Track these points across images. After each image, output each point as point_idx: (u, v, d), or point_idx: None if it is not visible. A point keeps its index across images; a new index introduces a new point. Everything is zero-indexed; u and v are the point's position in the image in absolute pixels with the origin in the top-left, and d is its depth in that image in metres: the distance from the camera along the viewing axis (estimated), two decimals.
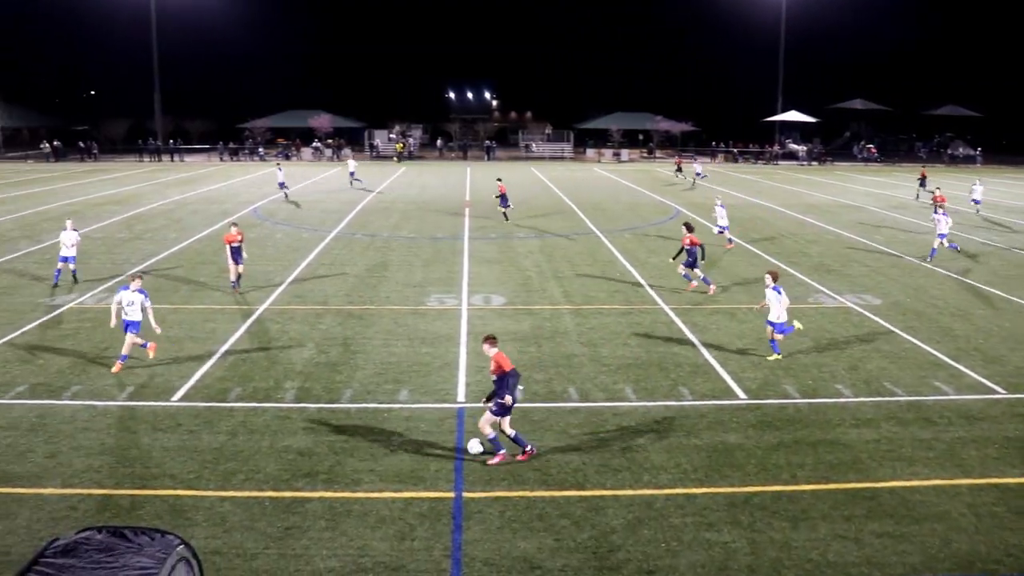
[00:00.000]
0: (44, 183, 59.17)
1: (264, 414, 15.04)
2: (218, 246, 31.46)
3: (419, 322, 21.10)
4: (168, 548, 7.75)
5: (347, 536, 10.96)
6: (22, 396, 15.89)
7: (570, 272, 27.06)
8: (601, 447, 13.68)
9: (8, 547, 10.69)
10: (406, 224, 37.99)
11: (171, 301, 23.12)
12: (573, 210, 43.41)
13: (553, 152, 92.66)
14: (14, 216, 40.66)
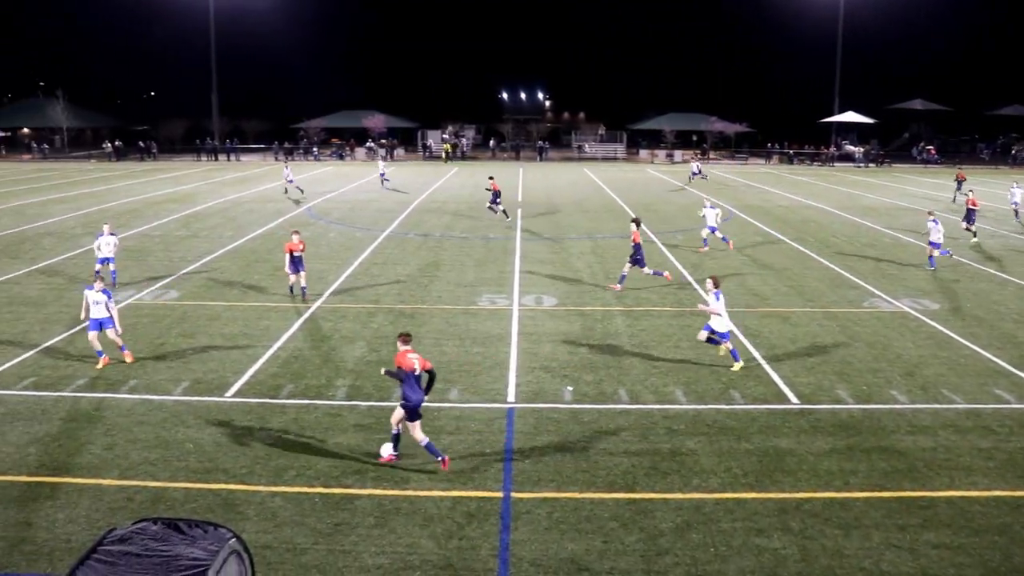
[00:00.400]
0: (105, 182, 60.53)
1: (315, 411, 15.21)
2: (272, 244, 31.96)
3: (470, 322, 21.18)
4: (220, 541, 7.89)
5: (395, 534, 11.05)
6: (82, 389, 16.28)
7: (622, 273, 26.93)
8: (651, 449, 13.61)
9: (69, 535, 10.99)
10: (458, 224, 38.15)
11: (226, 299, 23.50)
12: (625, 211, 43.22)
13: (606, 153, 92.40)
14: (77, 214, 41.69)
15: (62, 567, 10.00)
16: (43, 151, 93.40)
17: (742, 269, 27.75)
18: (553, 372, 17.30)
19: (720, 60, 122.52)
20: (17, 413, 15.11)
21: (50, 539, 10.91)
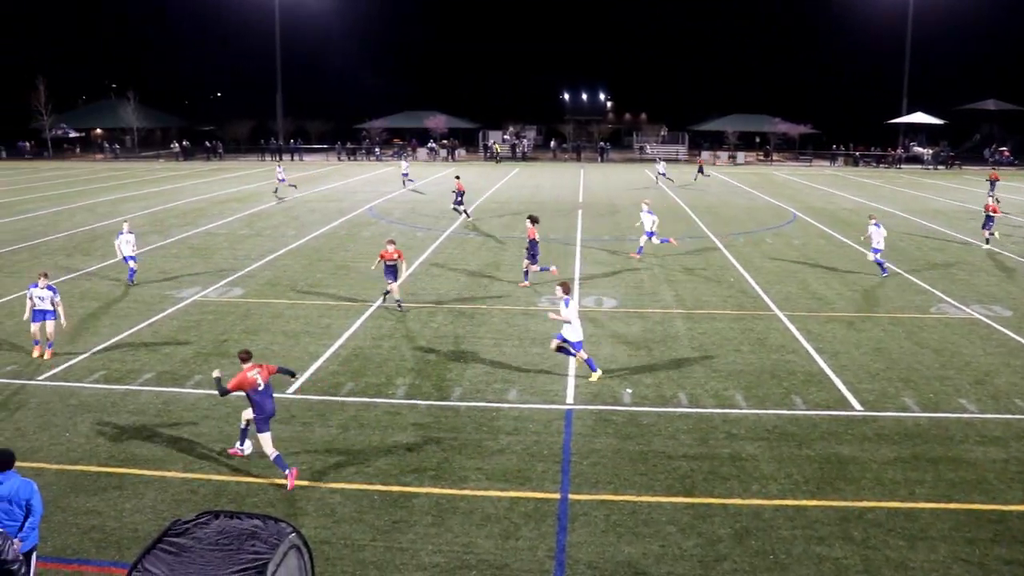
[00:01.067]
0: (173, 181, 61.88)
1: (375, 409, 15.37)
2: (334, 243, 32.37)
3: (530, 322, 21.20)
4: (281, 535, 8.01)
5: (452, 532, 11.11)
6: (149, 383, 16.68)
7: (683, 276, 26.74)
8: (710, 454, 13.49)
9: (136, 524, 11.27)
10: (519, 224, 38.17)
11: (288, 297, 23.86)
12: (687, 213, 42.88)
13: (667, 154, 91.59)
14: (146, 212, 42.71)
15: (129, 555, 10.25)
16: (114, 151, 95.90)
17: (804, 272, 27.33)
18: (612, 374, 17.24)
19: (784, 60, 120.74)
20: (88, 405, 15.54)
21: (118, 528, 11.20)
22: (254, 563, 7.50)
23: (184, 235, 35.01)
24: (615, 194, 52.78)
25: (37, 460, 13.18)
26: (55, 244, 32.73)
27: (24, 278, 26.11)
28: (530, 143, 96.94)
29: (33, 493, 9.22)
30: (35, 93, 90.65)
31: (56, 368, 17.59)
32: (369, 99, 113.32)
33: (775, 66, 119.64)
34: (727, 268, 28.08)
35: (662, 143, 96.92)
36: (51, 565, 10.25)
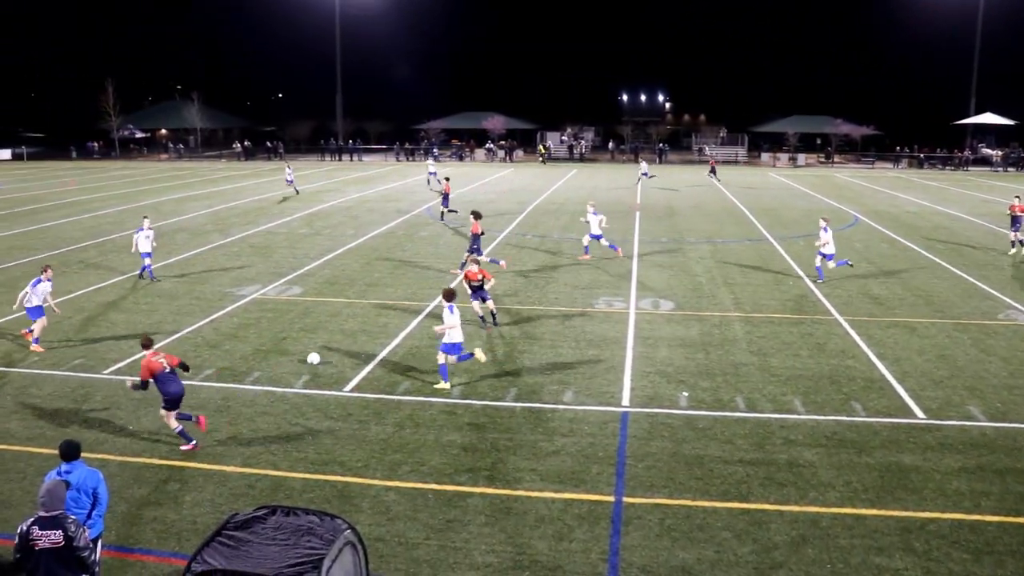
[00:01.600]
0: (235, 180, 62.95)
1: (431, 408, 15.45)
2: (392, 243, 32.60)
3: (586, 324, 21.14)
4: (336, 532, 8.09)
5: (506, 533, 11.12)
6: (210, 379, 16.98)
7: (741, 279, 26.44)
8: (766, 460, 13.31)
9: (195, 517, 11.49)
10: (576, 226, 38.08)
11: (346, 295, 24.10)
12: (746, 215, 42.39)
13: (726, 156, 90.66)
14: (208, 211, 43.51)
15: (189, 547, 10.45)
16: (178, 151, 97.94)
17: (866, 276, 26.83)
18: (669, 377, 17.12)
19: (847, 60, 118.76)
20: (150, 400, 15.82)
21: (178, 520, 11.43)
22: (310, 558, 7.59)
23: (244, 234, 35.58)
24: (673, 196, 52.37)
25: (102, 452, 13.51)
26: (121, 242, 33.47)
27: (92, 275, 26.83)
28: (588, 144, 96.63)
29: (99, 482, 9.48)
30: (104, 94, 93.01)
31: (120, 363, 18.01)
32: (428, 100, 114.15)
33: (837, 66, 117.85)
34: (786, 271, 27.69)
35: (721, 144, 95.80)
36: (115, 554, 10.49)
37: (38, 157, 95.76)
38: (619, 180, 64.46)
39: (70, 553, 8.22)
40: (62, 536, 8.18)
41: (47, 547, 8.16)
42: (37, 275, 19.93)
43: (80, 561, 8.31)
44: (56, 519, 8.25)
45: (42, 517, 8.25)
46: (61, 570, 8.25)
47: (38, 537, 8.16)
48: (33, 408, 15.53)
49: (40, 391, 16.39)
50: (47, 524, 8.22)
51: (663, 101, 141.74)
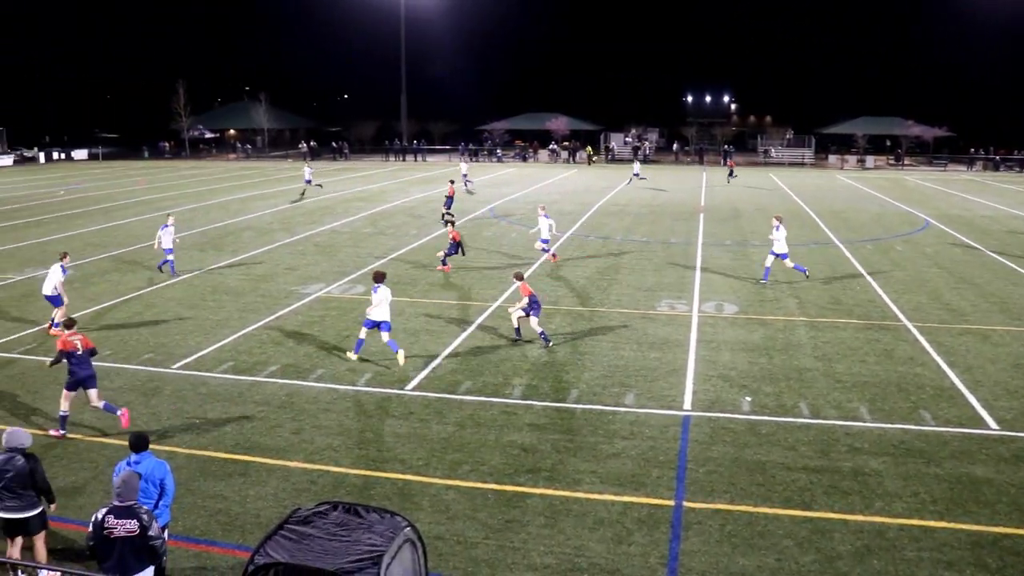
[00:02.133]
0: (300, 180, 63.76)
1: (492, 408, 15.49)
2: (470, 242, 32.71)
3: (648, 326, 21.00)
4: (396, 529, 8.15)
5: (564, 535, 11.09)
6: (274, 375, 17.25)
7: (807, 283, 26.01)
8: (831, 467, 13.06)
9: (258, 511, 11.68)
10: (639, 227, 37.92)
11: (409, 295, 24.28)
12: (812, 218, 41.70)
13: (793, 158, 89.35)
14: (273, 210, 44.22)
15: (252, 539, 10.63)
16: (246, 151, 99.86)
17: (936, 282, 26.19)
18: (731, 381, 16.92)
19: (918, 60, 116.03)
20: (217, 394, 16.19)
21: (242, 513, 11.63)
22: (370, 554, 7.65)
23: (309, 233, 36.08)
24: (737, 198, 51.75)
25: (170, 444, 13.82)
26: (189, 240, 34.18)
27: (163, 272, 27.41)
28: (652, 146, 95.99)
29: (167, 474, 9.69)
30: (175, 96, 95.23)
31: (188, 358, 18.39)
32: (492, 101, 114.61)
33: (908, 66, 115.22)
34: (853, 276, 27.17)
35: (787, 146, 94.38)
36: (181, 544, 10.72)
37: (112, 157, 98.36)
38: (683, 182, 63.88)
39: (144, 541, 8.43)
40: (137, 525, 8.40)
41: (123, 535, 8.38)
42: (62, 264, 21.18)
43: (152, 550, 8.52)
44: (131, 508, 8.48)
45: (117, 506, 8.47)
46: (134, 558, 8.45)
47: (113, 525, 8.37)
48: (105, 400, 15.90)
49: (111, 384, 16.81)
50: (122, 513, 8.43)
51: (728, 102, 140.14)
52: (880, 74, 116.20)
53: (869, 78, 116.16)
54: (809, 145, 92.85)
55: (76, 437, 14.24)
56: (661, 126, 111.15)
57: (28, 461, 9.74)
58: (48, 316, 21.06)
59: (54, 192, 56.02)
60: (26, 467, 9.71)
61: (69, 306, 20.93)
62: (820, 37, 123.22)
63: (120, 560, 8.41)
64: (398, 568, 7.86)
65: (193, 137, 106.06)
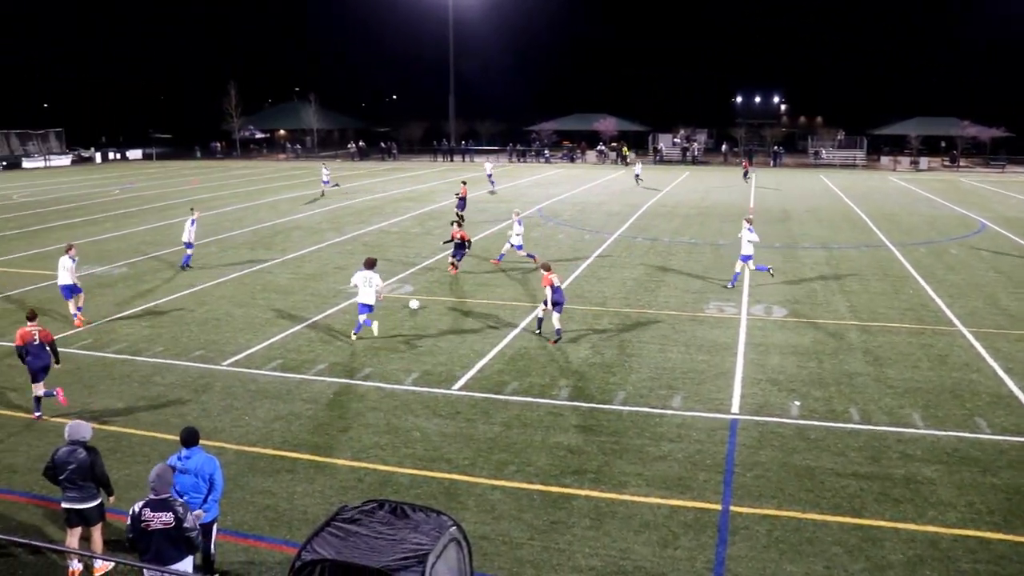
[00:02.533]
0: (350, 180, 64.39)
1: (538, 409, 15.47)
2: (502, 243, 32.75)
3: (696, 329, 20.84)
4: (442, 528, 8.17)
5: (610, 537, 11.04)
6: (322, 373, 17.40)
7: (858, 286, 25.62)
8: (882, 474, 12.83)
9: (305, 507, 11.79)
10: (687, 229, 37.65)
11: (457, 294, 24.36)
12: (864, 221, 41.07)
13: (844, 159, 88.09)
14: (323, 210, 44.65)
15: (299, 535, 10.73)
16: (296, 151, 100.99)
17: (993, 286, 25.63)
18: (780, 385, 16.71)
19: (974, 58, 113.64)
20: (266, 391, 16.38)
21: (289, 509, 11.74)
22: (415, 553, 7.68)
23: (358, 232, 36.36)
24: (787, 200, 51.15)
25: (219, 440, 14.00)
26: (240, 239, 34.66)
27: (213, 270, 27.84)
28: (700, 147, 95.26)
29: (216, 469, 9.83)
30: (227, 97, 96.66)
31: (238, 355, 18.63)
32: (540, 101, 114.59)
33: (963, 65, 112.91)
34: (906, 279, 26.70)
35: (838, 147, 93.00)
36: (229, 538, 10.85)
37: (165, 157, 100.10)
38: (733, 183, 63.26)
39: (179, 533, 8.64)
40: (172, 517, 8.62)
41: (159, 528, 8.61)
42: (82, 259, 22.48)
43: (188, 541, 8.73)
44: (166, 501, 8.70)
45: (152, 500, 8.70)
46: (171, 549, 8.67)
47: (150, 518, 8.61)
48: (157, 396, 16.20)
49: (163, 380, 17.09)
50: (158, 506, 8.66)
51: (778, 102, 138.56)
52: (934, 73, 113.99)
53: (923, 77, 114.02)
54: (861, 146, 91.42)
55: (129, 432, 14.49)
56: (710, 127, 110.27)
57: (89, 454, 10.03)
58: (58, 310, 22.15)
59: (109, 191, 57.18)
60: (88, 460, 9.99)
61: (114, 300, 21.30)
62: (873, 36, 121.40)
63: (159, 551, 8.64)
64: (443, 567, 7.88)
65: (244, 137, 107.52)
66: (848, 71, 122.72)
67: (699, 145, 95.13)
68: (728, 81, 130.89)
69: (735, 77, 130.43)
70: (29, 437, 14.33)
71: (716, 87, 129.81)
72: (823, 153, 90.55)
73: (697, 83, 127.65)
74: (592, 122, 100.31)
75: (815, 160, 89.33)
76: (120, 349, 19.23)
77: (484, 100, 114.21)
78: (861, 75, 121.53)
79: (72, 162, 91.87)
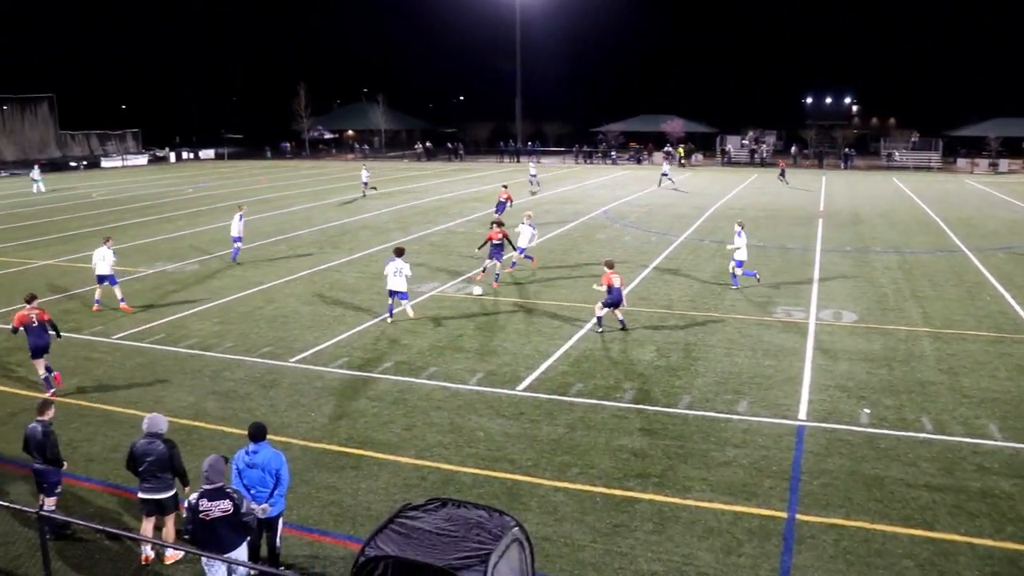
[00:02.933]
0: (416, 180, 64.88)
1: (602, 411, 15.39)
2: (568, 245, 32.70)
3: (763, 333, 20.53)
4: (504, 528, 8.17)
5: (673, 542, 10.92)
6: (388, 372, 17.55)
7: (931, 292, 24.98)
8: (956, 487, 12.46)
9: (369, 504, 11.90)
10: (756, 232, 37.07)
11: (523, 295, 24.37)
12: (938, 225, 40.03)
13: (918, 161, 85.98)
14: (390, 209, 45.08)
15: (363, 531, 10.83)
16: (363, 151, 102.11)
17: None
18: (849, 392, 16.37)
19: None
20: (332, 389, 16.58)
21: (353, 505, 11.86)
22: (477, 552, 7.69)
23: (425, 232, 36.63)
24: (859, 203, 50.12)
25: (286, 435, 14.21)
26: (308, 237, 35.16)
27: (281, 268, 28.31)
28: (769, 148, 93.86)
29: (282, 464, 9.99)
30: (296, 98, 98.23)
31: (306, 352, 18.89)
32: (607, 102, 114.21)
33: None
34: (983, 285, 25.95)
35: (912, 149, 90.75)
36: (294, 532, 11.00)
37: (236, 157, 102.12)
38: (802, 185, 62.20)
39: (238, 518, 9.01)
40: (231, 504, 8.98)
41: (219, 515, 8.95)
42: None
43: (246, 525, 9.10)
44: (221, 489, 9.04)
45: (208, 489, 9.02)
46: (232, 534, 9.08)
47: (208, 508, 8.95)
48: (226, 391, 16.52)
49: (232, 375, 17.42)
50: (214, 495, 9.00)
51: (850, 103, 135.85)
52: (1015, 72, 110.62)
53: (1003, 76, 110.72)
54: (936, 148, 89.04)
55: (199, 425, 14.79)
56: (779, 128, 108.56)
57: (167, 446, 10.40)
58: (91, 298, 23.86)
59: (183, 190, 58.52)
60: (166, 452, 10.36)
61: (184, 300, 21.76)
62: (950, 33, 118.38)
63: (220, 538, 8.98)
64: (505, 567, 7.87)
65: (313, 138, 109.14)
66: (923, 70, 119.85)
67: (767, 147, 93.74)
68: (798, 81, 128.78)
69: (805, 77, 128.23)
70: (106, 428, 14.73)
71: (785, 87, 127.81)
72: (896, 155, 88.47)
73: (766, 83, 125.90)
74: (659, 123, 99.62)
75: (888, 162, 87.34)
76: (192, 344, 19.66)
77: (550, 101, 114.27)
78: (937, 74, 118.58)
79: (148, 162, 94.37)
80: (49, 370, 16.49)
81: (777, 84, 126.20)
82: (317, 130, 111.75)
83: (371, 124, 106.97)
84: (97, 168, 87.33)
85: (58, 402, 12.06)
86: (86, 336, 20.51)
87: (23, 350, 17.39)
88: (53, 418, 11.36)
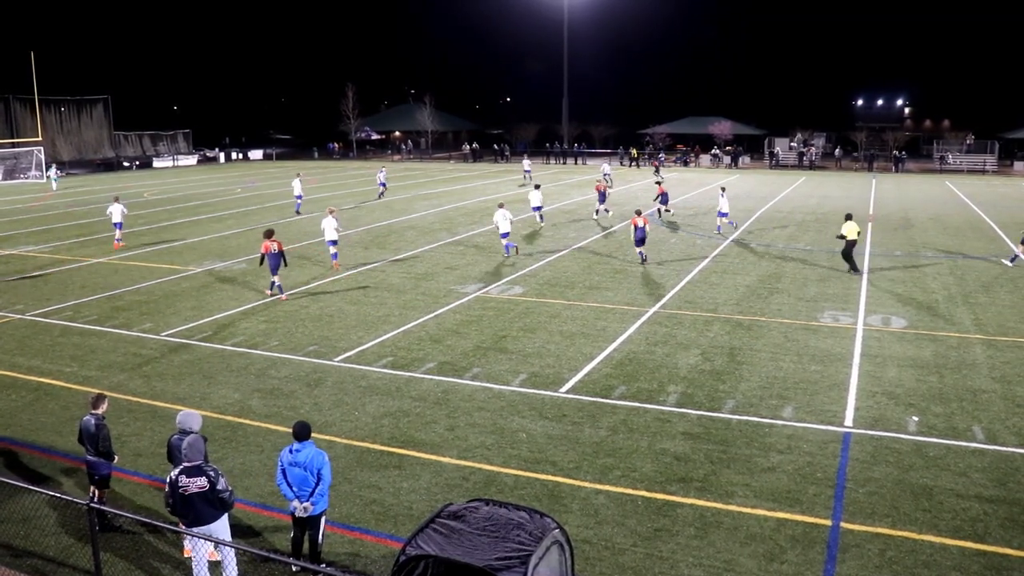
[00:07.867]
0: (463, 181, 65.08)
1: (645, 414, 15.31)
2: (614, 247, 32.59)
3: (810, 338, 20.28)
4: (545, 530, 8.16)
5: (715, 547, 10.83)
6: (431, 372, 17.62)
7: (984, 298, 24.48)
8: (1009, 498, 12.18)
9: (411, 503, 11.95)
10: (803, 236, 36.68)
11: (566, 297, 24.33)
12: (993, 230, 39.20)
13: (972, 165, 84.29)
14: (437, 210, 45.29)
15: (404, 530, 10.90)
16: (410, 152, 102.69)
17: None
18: (897, 399, 16.10)
19: None
20: (375, 388, 16.69)
21: (395, 504, 11.93)
22: (518, 553, 7.70)
23: (470, 233, 36.73)
24: (910, 206, 49.27)
25: (330, 434, 14.33)
26: (355, 237, 35.44)
27: (329, 268, 28.57)
28: (818, 151, 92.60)
29: (324, 463, 10.08)
30: (344, 99, 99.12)
31: (350, 351, 19.04)
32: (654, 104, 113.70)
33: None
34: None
35: (966, 152, 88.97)
36: (336, 530, 11.10)
37: (285, 157, 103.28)
38: (851, 189, 61.35)
39: (214, 495, 9.53)
40: (207, 481, 9.52)
41: (195, 491, 9.50)
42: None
43: (222, 501, 9.61)
44: (199, 467, 9.58)
45: (187, 467, 9.55)
46: (208, 508, 9.56)
47: (186, 484, 9.49)
48: (272, 388, 16.71)
49: (278, 373, 17.61)
50: (192, 472, 9.55)
51: (902, 105, 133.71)
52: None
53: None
54: (992, 151, 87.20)
55: (245, 422, 14.98)
56: (828, 131, 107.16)
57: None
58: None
59: (232, 190, 59.33)
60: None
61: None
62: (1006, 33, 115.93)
63: (198, 512, 9.51)
64: (545, 569, 7.87)
65: (360, 138, 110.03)
66: (979, 72, 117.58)
67: (816, 149, 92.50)
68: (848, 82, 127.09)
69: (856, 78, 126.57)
70: (154, 424, 14.98)
71: (835, 89, 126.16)
72: (949, 158, 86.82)
73: (815, 84, 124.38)
74: (707, 125, 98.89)
75: (941, 166, 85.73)
76: (238, 342, 19.92)
77: (597, 102, 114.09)
78: (992, 76, 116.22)
79: (198, 162, 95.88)
80: (277, 285, 23.94)
81: (827, 85, 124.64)
82: (364, 131, 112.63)
83: (418, 125, 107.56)
84: (149, 168, 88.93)
85: (109, 396, 12.32)
86: (135, 333, 20.89)
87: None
88: (106, 411, 11.58)
